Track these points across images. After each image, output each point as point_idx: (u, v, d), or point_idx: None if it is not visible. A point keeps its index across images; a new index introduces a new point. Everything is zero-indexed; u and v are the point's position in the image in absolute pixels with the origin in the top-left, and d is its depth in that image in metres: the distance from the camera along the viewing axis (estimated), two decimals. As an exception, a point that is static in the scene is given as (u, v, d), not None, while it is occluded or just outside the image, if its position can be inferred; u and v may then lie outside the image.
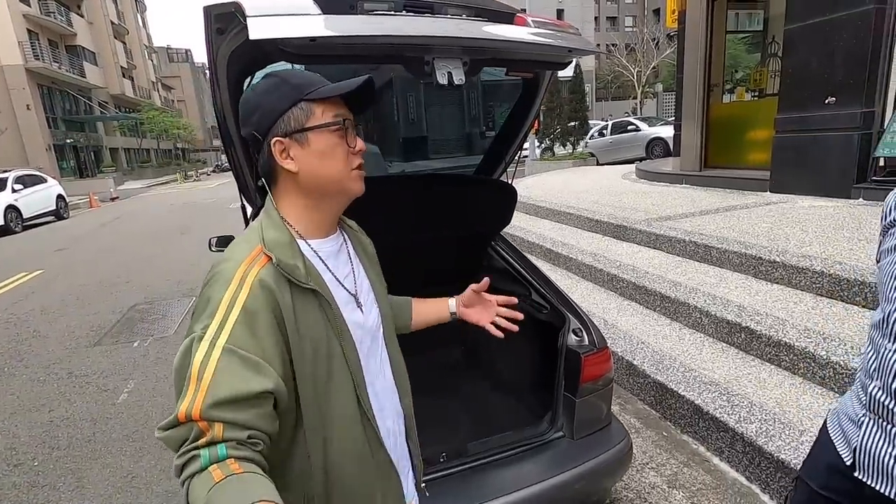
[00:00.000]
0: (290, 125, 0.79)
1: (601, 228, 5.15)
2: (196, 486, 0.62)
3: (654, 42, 33.58)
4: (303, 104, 0.79)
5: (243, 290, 0.73)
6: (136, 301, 5.60)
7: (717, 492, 2.11)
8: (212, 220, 11.35)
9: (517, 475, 1.58)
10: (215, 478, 0.62)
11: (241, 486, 0.62)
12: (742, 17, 7.31)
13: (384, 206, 1.78)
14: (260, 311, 0.72)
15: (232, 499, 0.60)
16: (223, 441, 0.65)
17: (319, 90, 0.80)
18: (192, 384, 0.66)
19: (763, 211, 4.56)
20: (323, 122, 0.80)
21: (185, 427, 0.66)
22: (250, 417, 0.68)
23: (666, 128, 12.93)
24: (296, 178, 0.82)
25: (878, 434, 0.97)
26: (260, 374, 0.69)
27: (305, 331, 0.77)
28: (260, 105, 0.81)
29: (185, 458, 0.65)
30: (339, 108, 0.82)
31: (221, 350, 0.68)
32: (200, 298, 0.76)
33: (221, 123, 1.60)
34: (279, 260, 0.76)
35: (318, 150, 0.80)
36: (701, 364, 2.72)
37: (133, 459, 2.69)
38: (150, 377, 3.67)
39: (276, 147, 0.80)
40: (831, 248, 3.20)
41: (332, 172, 0.82)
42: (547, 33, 1.38)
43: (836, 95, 4.60)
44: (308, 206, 0.84)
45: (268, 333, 0.72)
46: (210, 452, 0.64)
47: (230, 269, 0.75)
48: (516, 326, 1.15)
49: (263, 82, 0.83)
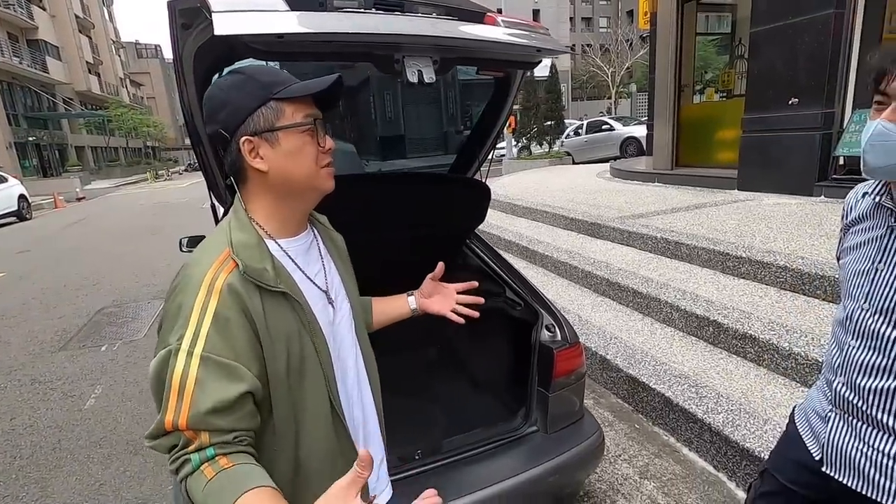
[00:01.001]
0: (260, 124, 0.78)
1: (576, 226, 5.23)
2: (192, 485, 0.70)
3: (627, 43, 34.17)
4: (272, 103, 0.78)
5: (213, 298, 0.73)
6: (103, 304, 5.44)
7: (686, 481, 2.17)
8: (184, 221, 11.08)
9: (492, 470, 1.60)
10: (207, 475, 0.69)
11: (232, 480, 0.69)
12: (711, 19, 7.52)
13: (358, 205, 1.77)
14: (231, 316, 0.73)
15: (225, 492, 0.67)
16: (210, 445, 0.70)
17: (289, 89, 0.79)
18: (174, 396, 0.69)
19: (731, 208, 4.70)
20: (294, 122, 0.79)
21: (172, 435, 0.71)
22: (233, 421, 0.72)
23: (639, 127, 13.18)
24: (265, 178, 0.81)
25: (845, 429, 1.01)
26: (238, 379, 0.72)
27: (277, 332, 0.77)
28: (227, 102, 0.79)
29: (177, 463, 0.71)
30: (309, 108, 0.81)
31: (199, 359, 0.70)
32: (171, 305, 0.76)
33: (189, 121, 1.57)
34: (246, 266, 0.76)
35: (289, 149, 0.80)
36: (671, 358, 2.79)
37: (102, 466, 2.62)
38: (118, 382, 3.57)
39: (245, 146, 0.79)
40: (794, 243, 3.32)
41: (303, 172, 0.81)
42: (517, 33, 1.40)
43: (799, 96, 4.77)
44: (278, 205, 0.84)
45: (241, 336, 0.73)
46: (200, 455, 0.70)
47: (198, 275, 0.75)
48: (476, 312, 1.17)
49: (229, 78, 0.81)
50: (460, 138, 4.28)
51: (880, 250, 0.94)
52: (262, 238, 0.82)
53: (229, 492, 0.68)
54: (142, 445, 2.76)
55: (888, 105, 0.86)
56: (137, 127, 39.13)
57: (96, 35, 41.59)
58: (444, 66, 1.34)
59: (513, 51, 1.46)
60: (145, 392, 3.38)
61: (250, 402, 0.74)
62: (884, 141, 0.85)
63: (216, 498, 0.68)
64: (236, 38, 1.05)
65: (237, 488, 0.68)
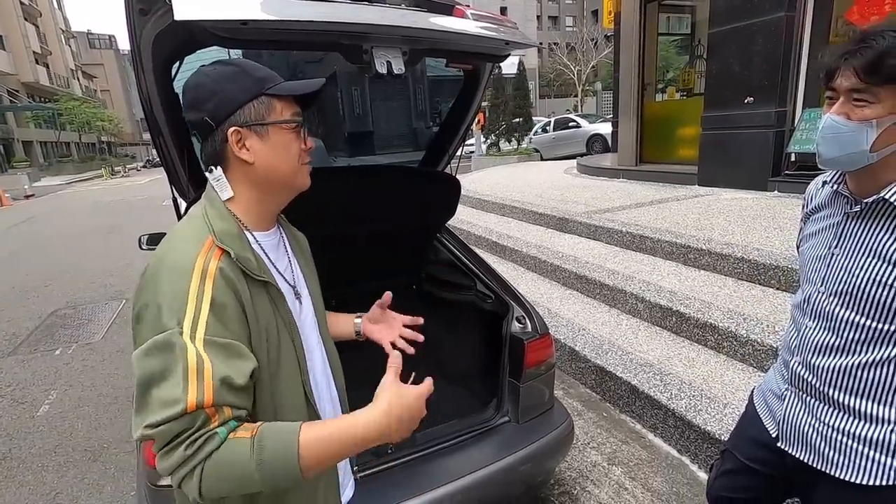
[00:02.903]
0: (251, 116, 0.80)
1: (545, 221, 5.31)
2: (224, 455, 0.68)
3: (593, 42, 34.80)
4: (263, 98, 0.80)
5: (207, 282, 0.73)
6: (56, 306, 5.18)
7: (651, 465, 2.25)
8: (143, 219, 10.65)
9: (464, 461, 1.61)
10: (246, 434, 0.70)
11: (276, 425, 0.73)
12: (672, 20, 7.74)
13: (328, 199, 1.75)
14: (227, 301, 0.74)
15: (282, 430, 0.71)
16: (233, 418, 0.71)
17: (282, 86, 0.82)
18: (194, 376, 0.68)
19: (692, 203, 4.87)
20: (283, 119, 0.82)
21: (188, 417, 0.67)
22: (245, 399, 0.74)
23: (605, 125, 13.47)
24: (249, 169, 0.82)
25: (799, 406, 1.07)
26: (246, 358, 0.74)
27: (261, 320, 0.79)
28: (217, 92, 0.80)
29: (199, 442, 0.67)
30: (294, 107, 0.84)
31: (204, 343, 0.70)
32: (154, 292, 0.72)
33: (148, 112, 1.52)
34: (237, 254, 0.77)
35: (276, 144, 0.82)
36: (637, 347, 2.87)
37: (57, 475, 2.50)
38: (74, 386, 3.41)
39: (233, 136, 0.80)
40: (750, 236, 3.47)
41: (286, 166, 0.84)
42: (486, 26, 1.41)
43: (754, 96, 4.98)
44: (257, 198, 0.85)
45: (236, 321, 0.75)
46: (226, 428, 0.70)
47: (186, 261, 0.74)
48: (412, 349, 1.12)
49: (221, 69, 0.81)
50: (429, 134, 4.27)
51: (836, 236, 0.99)
52: (242, 229, 0.83)
53: (287, 431, 0.71)
54: (101, 451, 2.65)
55: (837, 100, 0.91)
56: (91, 121, 37.31)
57: (44, 23, 39.40)
58: (413, 57, 1.34)
59: (482, 43, 1.47)
60: (104, 396, 3.24)
61: (252, 382, 0.75)
62: (834, 133, 0.91)
63: (275, 439, 0.70)
64: (197, 24, 1.02)
65: (292, 426, 0.72)
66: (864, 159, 0.89)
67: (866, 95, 0.86)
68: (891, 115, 0.85)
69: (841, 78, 0.89)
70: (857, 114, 0.87)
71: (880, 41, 0.83)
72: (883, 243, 0.91)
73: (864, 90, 0.86)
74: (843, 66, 0.88)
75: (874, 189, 0.92)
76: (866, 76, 0.85)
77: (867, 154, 0.88)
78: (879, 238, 0.92)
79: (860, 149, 0.88)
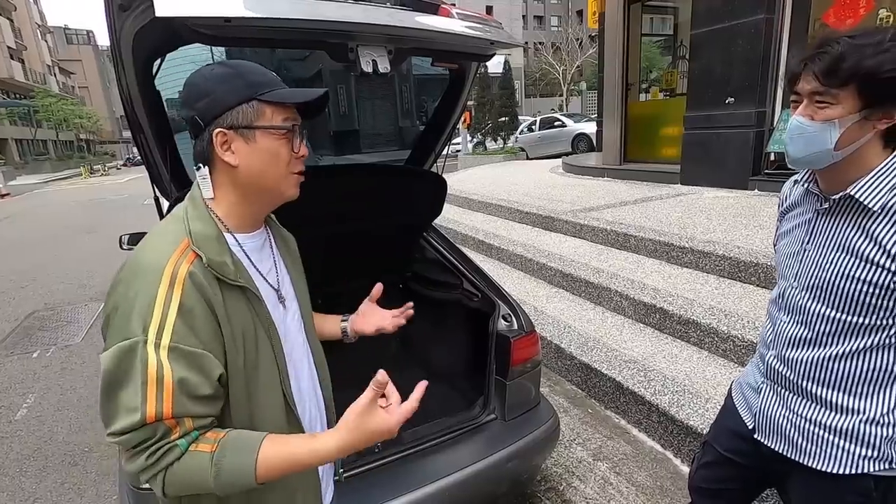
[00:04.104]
0: (238, 120, 0.79)
1: (530, 220, 5.34)
2: (184, 467, 0.71)
3: (578, 42, 35.05)
4: (254, 102, 0.79)
5: (176, 288, 0.72)
6: (34, 308, 5.06)
7: (636, 460, 2.28)
8: (123, 218, 10.45)
9: (451, 459, 1.62)
10: (207, 448, 0.72)
11: (240, 437, 0.75)
12: (655, 21, 7.84)
13: (313, 198, 1.73)
14: (195, 307, 0.73)
15: (243, 446, 0.73)
16: (195, 429, 0.72)
17: (274, 93, 0.80)
18: (153, 387, 0.68)
19: (675, 202, 4.94)
20: (271, 125, 0.80)
21: (149, 427, 0.69)
22: (211, 407, 0.75)
23: (589, 124, 13.60)
24: (233, 172, 0.81)
25: (774, 398, 1.10)
26: (211, 366, 0.73)
27: (236, 326, 0.78)
28: (209, 93, 0.79)
29: (158, 453, 0.70)
30: (288, 112, 0.82)
31: (169, 350, 0.70)
32: (123, 294, 0.73)
33: (129, 109, 1.49)
34: (209, 259, 0.76)
35: (263, 149, 0.80)
36: (622, 344, 2.91)
37: (35, 480, 2.45)
38: (53, 389, 3.34)
39: (217, 138, 0.79)
40: (731, 234, 3.53)
41: (272, 174, 0.82)
42: (471, 25, 1.41)
43: (735, 96, 5.06)
44: (240, 201, 0.84)
45: (206, 328, 0.74)
46: (186, 440, 0.71)
47: (158, 264, 0.73)
48: (403, 320, 1.17)
49: (217, 70, 0.81)
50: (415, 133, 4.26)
51: (808, 233, 1.03)
52: (222, 231, 0.81)
53: (247, 445, 0.73)
54: (82, 455, 2.60)
55: (802, 102, 0.95)
56: (68, 118, 36.47)
57: (19, 18, 38.37)
58: (398, 56, 1.34)
59: (467, 42, 1.47)
60: (84, 399, 3.18)
61: (221, 390, 0.76)
62: (800, 133, 0.95)
63: (234, 455, 0.72)
64: (180, 20, 1.01)
65: (252, 441, 0.74)
66: (829, 157, 0.93)
67: (827, 97, 0.90)
68: (851, 114, 0.89)
69: (803, 82, 0.94)
70: (819, 115, 0.91)
71: (836, 47, 0.88)
72: (850, 238, 0.95)
73: (825, 92, 0.90)
74: (805, 71, 0.93)
75: (842, 186, 0.95)
76: (825, 79, 0.89)
77: (832, 152, 0.92)
78: (847, 234, 0.95)
79: (825, 147, 0.92)
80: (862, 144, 0.91)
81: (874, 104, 0.87)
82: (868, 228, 0.92)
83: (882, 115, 0.88)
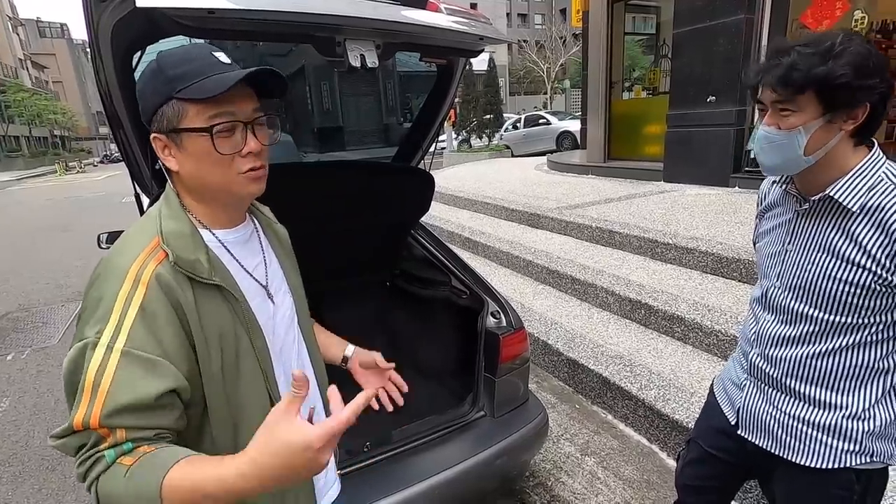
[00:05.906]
0: (164, 123, 0.73)
1: (516, 217, 5.36)
2: (107, 480, 0.63)
3: (561, 40, 35.29)
4: (173, 102, 0.71)
5: (139, 289, 0.68)
6: (7, 309, 4.90)
7: (623, 455, 2.30)
8: (101, 217, 10.19)
9: (441, 457, 1.61)
10: (127, 463, 0.63)
11: (159, 457, 0.64)
12: (638, 20, 7.92)
13: (301, 195, 1.71)
14: (158, 310, 0.68)
15: (154, 468, 0.62)
16: (128, 440, 0.65)
17: (191, 88, 0.70)
18: (88, 393, 0.65)
19: (658, 199, 5.00)
20: (193, 126, 0.72)
21: (82, 434, 0.65)
22: (153, 419, 0.67)
23: (574, 122, 13.69)
24: (179, 177, 0.77)
25: (758, 395, 1.11)
26: (161, 375, 0.67)
27: (210, 327, 0.74)
28: (141, 94, 0.75)
29: (86, 463, 0.65)
30: (220, 107, 0.72)
31: (120, 354, 0.65)
32: (89, 296, 0.70)
33: (108, 104, 1.45)
34: (177, 257, 0.71)
35: (193, 153, 0.74)
36: (608, 340, 2.94)
37: (11, 486, 2.37)
38: (29, 393, 3.24)
39: (156, 143, 0.75)
40: (714, 230, 3.59)
41: (214, 178, 0.75)
42: (459, 20, 1.40)
43: (716, 95, 5.14)
44: (199, 202, 0.80)
45: (168, 332, 0.69)
46: (115, 450, 0.65)
47: (123, 265, 0.70)
48: (391, 407, 1.13)
49: (149, 65, 0.76)
50: (400, 130, 4.24)
51: (789, 233, 1.04)
52: (197, 228, 0.77)
53: (162, 463, 0.62)
54: (59, 460, 2.53)
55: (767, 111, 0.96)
56: (42, 113, 35.47)
57: (-12, 10, 37.13)
58: (386, 51, 1.32)
59: (456, 37, 1.46)
60: (61, 402, 3.09)
61: (175, 401, 0.69)
62: (769, 143, 0.96)
63: (143, 473, 0.62)
64: (160, 11, 0.98)
65: (166, 462, 0.62)
66: (801, 163, 0.94)
67: (788, 105, 0.91)
68: (815, 119, 0.90)
69: (763, 93, 0.95)
70: (784, 123, 0.92)
71: (787, 57, 0.89)
72: (831, 239, 0.96)
73: (785, 101, 0.91)
74: (762, 83, 0.94)
75: (819, 187, 0.96)
76: (782, 88, 0.90)
77: (803, 158, 0.93)
78: (827, 234, 0.96)
79: (795, 154, 0.93)
80: (832, 147, 0.92)
81: (835, 107, 0.88)
82: (848, 229, 0.93)
83: (847, 117, 0.90)
